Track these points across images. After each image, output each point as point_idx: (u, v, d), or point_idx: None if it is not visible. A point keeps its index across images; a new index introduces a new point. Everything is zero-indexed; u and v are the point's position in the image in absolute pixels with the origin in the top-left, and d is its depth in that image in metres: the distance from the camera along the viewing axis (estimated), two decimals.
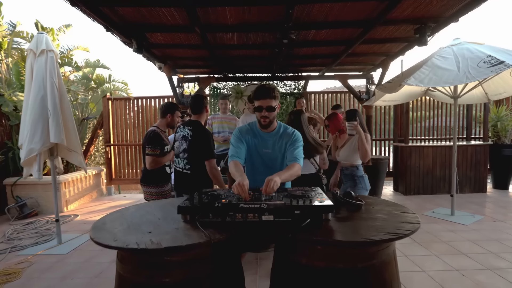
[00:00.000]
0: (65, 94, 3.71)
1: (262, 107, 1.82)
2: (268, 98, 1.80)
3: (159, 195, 2.81)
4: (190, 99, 2.66)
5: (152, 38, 4.07)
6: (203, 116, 2.64)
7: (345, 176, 2.79)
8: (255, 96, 1.84)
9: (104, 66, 6.58)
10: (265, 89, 1.81)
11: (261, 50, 4.58)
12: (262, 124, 1.88)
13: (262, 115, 1.84)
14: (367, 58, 5.21)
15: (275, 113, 1.87)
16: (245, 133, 1.99)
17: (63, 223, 4.66)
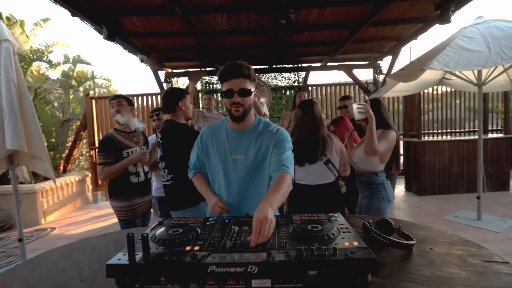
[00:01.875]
0: (26, 92, 3.14)
1: (233, 90, 1.28)
2: (240, 77, 1.28)
3: (128, 211, 2.27)
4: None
5: (129, 25, 3.51)
6: (177, 114, 2.09)
7: (360, 184, 2.24)
8: (222, 76, 1.31)
9: (86, 62, 6.01)
10: (235, 66, 1.29)
11: (255, 36, 4.02)
12: (234, 115, 1.33)
13: (234, 102, 1.30)
14: (374, 45, 4.64)
15: (251, 99, 1.34)
16: (208, 132, 1.47)
17: (36, 238, 4.13)
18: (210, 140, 1.44)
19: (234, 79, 1.28)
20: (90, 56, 55.42)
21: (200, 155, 1.47)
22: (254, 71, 1.34)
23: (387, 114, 2.20)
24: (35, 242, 4.01)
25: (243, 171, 1.37)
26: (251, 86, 1.31)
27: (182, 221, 1.19)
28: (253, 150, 1.37)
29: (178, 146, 1.96)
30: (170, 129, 2.01)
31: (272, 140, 1.37)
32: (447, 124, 6.00)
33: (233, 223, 1.12)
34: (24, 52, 5.12)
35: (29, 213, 4.72)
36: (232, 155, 1.38)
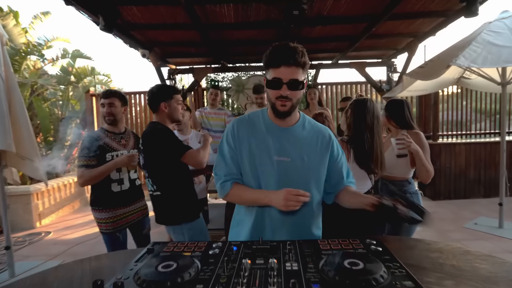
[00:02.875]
0: (15, 88, 2.91)
1: (281, 80, 1.03)
2: (293, 65, 1.02)
3: (109, 223, 1.99)
4: None
5: (128, 16, 3.27)
6: (160, 115, 1.82)
7: (390, 193, 1.94)
8: (270, 60, 1.05)
9: (86, 57, 5.77)
10: (288, 49, 1.03)
11: (264, 31, 3.76)
12: (279, 110, 1.08)
13: (281, 95, 1.05)
14: (390, 41, 4.36)
15: (301, 93, 1.10)
16: (242, 125, 1.19)
17: (29, 244, 3.89)
18: (246, 136, 1.16)
19: (285, 66, 1.02)
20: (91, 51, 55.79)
21: (234, 157, 1.17)
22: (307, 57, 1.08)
23: (410, 116, 1.97)
24: (27, 248, 3.78)
25: (289, 176, 1.12)
26: (303, 76, 1.07)
27: (177, 248, 0.93)
28: (301, 151, 1.13)
29: (159, 148, 1.70)
30: (150, 133, 1.75)
31: (327, 143, 1.16)
32: (457, 125, 5.68)
33: (242, 252, 0.87)
34: (19, 45, 4.91)
35: (23, 216, 4.49)
36: (276, 156, 1.12)
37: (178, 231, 1.77)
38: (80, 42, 63.82)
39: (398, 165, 1.85)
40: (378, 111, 1.68)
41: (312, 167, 1.14)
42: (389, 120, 1.98)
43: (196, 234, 1.76)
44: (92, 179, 1.92)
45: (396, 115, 1.95)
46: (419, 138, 1.85)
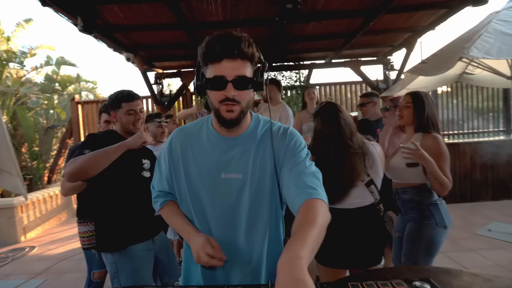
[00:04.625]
0: None
1: (224, 78, 0.82)
2: (238, 58, 0.81)
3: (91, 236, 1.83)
4: None
5: (110, 17, 3.07)
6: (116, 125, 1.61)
7: (403, 204, 1.69)
8: (207, 54, 0.83)
9: (70, 63, 5.56)
10: (230, 39, 0.80)
11: (254, 29, 3.57)
12: (225, 117, 0.86)
13: (226, 97, 0.83)
14: (386, 37, 4.20)
15: (251, 94, 0.88)
16: (179, 138, 0.97)
17: (12, 260, 3.66)
18: (184, 151, 0.95)
19: (228, 60, 0.80)
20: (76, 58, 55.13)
21: (169, 176, 0.97)
22: (255, 47, 0.85)
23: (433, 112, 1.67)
24: (10, 265, 3.55)
25: (241, 197, 0.90)
26: (251, 72, 0.85)
27: None
28: (255, 164, 0.90)
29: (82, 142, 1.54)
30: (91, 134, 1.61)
31: (282, 146, 0.90)
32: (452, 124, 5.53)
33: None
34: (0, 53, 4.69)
35: (7, 230, 4.25)
36: (223, 173, 0.90)
37: (107, 262, 1.51)
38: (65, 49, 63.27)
39: (408, 172, 1.63)
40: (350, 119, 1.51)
41: (267, 183, 0.91)
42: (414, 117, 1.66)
43: (124, 269, 1.45)
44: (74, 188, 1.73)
45: (421, 113, 1.62)
46: (437, 144, 1.56)
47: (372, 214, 1.50)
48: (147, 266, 1.51)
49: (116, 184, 1.48)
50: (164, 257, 1.64)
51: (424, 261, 1.58)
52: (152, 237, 1.57)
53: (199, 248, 0.83)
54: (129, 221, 1.48)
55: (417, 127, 1.66)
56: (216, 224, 0.93)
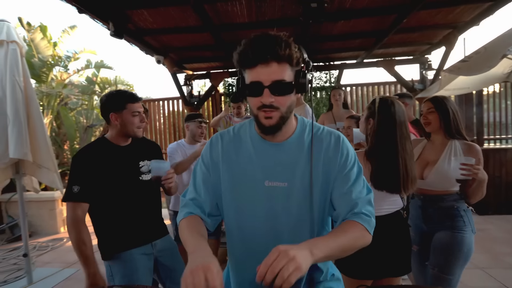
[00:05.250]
0: (33, 97, 2.94)
1: (262, 83, 0.77)
2: (274, 61, 0.75)
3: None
4: None
5: (140, 21, 3.20)
6: (112, 128, 1.51)
7: (439, 212, 1.58)
8: (242, 59, 0.79)
9: (108, 67, 5.93)
10: (264, 41, 0.76)
11: (280, 29, 3.50)
12: (264, 124, 0.81)
13: (263, 104, 0.78)
14: (423, 35, 3.91)
15: (292, 99, 0.82)
16: (222, 148, 0.92)
17: (51, 249, 3.95)
18: (227, 155, 0.90)
19: (263, 64, 0.76)
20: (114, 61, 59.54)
21: (207, 180, 0.91)
22: (298, 48, 0.80)
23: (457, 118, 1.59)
24: (49, 253, 3.84)
25: (286, 206, 0.84)
26: (291, 74, 0.79)
27: None
28: (301, 172, 0.85)
29: (70, 168, 1.45)
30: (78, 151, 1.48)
31: (334, 158, 0.84)
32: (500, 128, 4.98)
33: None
34: (46, 57, 5.13)
35: (48, 221, 4.61)
36: (267, 181, 0.85)
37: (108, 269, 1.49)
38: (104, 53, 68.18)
39: (448, 179, 1.51)
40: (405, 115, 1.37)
41: (316, 192, 0.85)
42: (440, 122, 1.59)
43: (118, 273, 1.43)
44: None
45: (447, 118, 1.56)
46: (475, 152, 1.52)
47: (398, 221, 1.39)
48: (142, 271, 1.45)
49: (111, 190, 1.44)
50: (166, 261, 1.57)
51: (460, 272, 1.50)
52: (151, 241, 1.52)
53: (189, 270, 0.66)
54: (124, 227, 1.46)
55: (447, 133, 1.58)
56: (256, 233, 0.87)
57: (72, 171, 1.42)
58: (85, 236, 1.37)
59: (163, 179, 1.49)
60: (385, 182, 1.32)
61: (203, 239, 0.79)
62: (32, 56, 5.09)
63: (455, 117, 1.56)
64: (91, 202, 1.41)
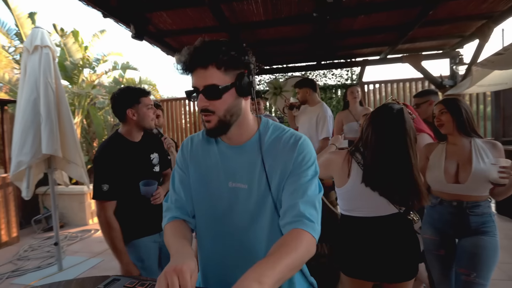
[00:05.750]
0: (63, 97, 3.16)
1: (197, 88, 0.81)
2: (201, 67, 0.79)
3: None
4: None
5: (160, 23, 3.31)
6: (128, 124, 1.57)
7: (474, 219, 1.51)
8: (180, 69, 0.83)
9: (133, 68, 6.20)
10: (193, 48, 0.80)
11: (298, 26, 3.47)
12: (206, 128, 0.85)
13: (201, 109, 0.82)
14: (454, 27, 3.67)
15: (229, 101, 0.82)
16: (194, 149, 0.95)
17: (80, 240, 4.22)
18: (194, 158, 0.94)
19: (196, 70, 0.80)
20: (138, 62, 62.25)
21: (184, 181, 0.94)
22: (236, 50, 0.80)
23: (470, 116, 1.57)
24: (78, 243, 4.11)
25: (245, 206, 0.87)
26: (226, 78, 0.80)
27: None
28: (261, 175, 0.86)
29: (95, 167, 1.52)
30: (98, 147, 1.59)
31: (288, 159, 0.84)
32: None
33: None
34: (77, 60, 5.47)
35: (78, 213, 4.93)
36: (230, 182, 0.88)
37: None
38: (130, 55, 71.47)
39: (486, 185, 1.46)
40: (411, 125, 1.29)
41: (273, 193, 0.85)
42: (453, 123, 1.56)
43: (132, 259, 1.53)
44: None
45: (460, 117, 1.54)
46: (501, 150, 1.49)
47: (397, 222, 1.32)
48: (153, 257, 1.59)
49: (131, 184, 1.53)
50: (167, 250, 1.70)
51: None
52: (159, 231, 1.62)
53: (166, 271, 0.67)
54: (139, 216, 1.56)
55: (463, 132, 1.55)
56: (220, 231, 0.90)
57: (99, 170, 1.50)
58: (117, 231, 1.48)
59: (152, 200, 1.61)
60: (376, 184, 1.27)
61: (185, 241, 0.82)
62: (65, 60, 5.45)
63: (468, 116, 1.54)
64: (119, 199, 1.51)
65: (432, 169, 1.60)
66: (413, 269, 1.31)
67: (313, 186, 0.83)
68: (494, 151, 1.49)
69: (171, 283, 0.63)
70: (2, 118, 4.48)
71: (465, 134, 1.54)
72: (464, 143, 1.55)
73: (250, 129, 0.89)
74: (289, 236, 0.74)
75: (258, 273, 0.62)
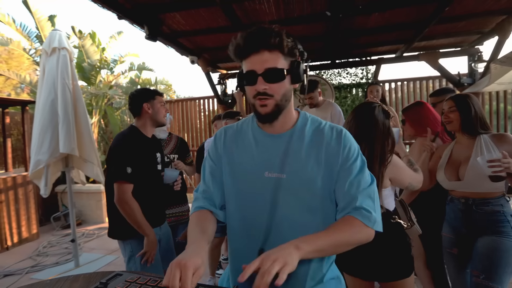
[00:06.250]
0: (80, 98, 3.25)
1: (255, 72, 0.80)
2: (265, 50, 0.79)
3: None
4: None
5: (174, 23, 3.35)
6: (143, 118, 1.70)
7: (483, 217, 1.47)
8: (237, 50, 0.84)
9: (149, 69, 6.32)
10: (256, 33, 0.80)
11: (311, 25, 3.44)
12: (260, 112, 0.84)
13: (258, 92, 0.81)
14: (472, 23, 3.55)
15: (286, 86, 0.84)
16: (226, 136, 0.95)
17: (97, 237, 4.33)
18: (229, 148, 0.93)
19: (255, 54, 0.80)
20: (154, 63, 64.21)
21: (215, 172, 0.94)
22: (291, 38, 0.83)
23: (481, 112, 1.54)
24: (95, 241, 4.22)
25: (285, 197, 0.84)
26: (285, 63, 0.82)
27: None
28: (301, 164, 0.85)
29: (109, 158, 1.62)
30: (116, 138, 1.69)
31: (336, 152, 0.84)
32: None
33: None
34: (94, 62, 5.63)
35: (95, 211, 5.06)
36: (266, 172, 0.86)
37: (122, 247, 1.69)
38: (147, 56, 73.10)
39: (481, 177, 1.40)
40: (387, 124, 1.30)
41: (314, 186, 0.84)
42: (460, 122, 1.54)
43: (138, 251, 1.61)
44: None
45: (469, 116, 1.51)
46: (508, 141, 1.43)
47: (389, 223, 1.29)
48: (156, 250, 1.67)
49: (141, 176, 1.62)
50: (164, 244, 1.78)
51: (507, 281, 1.40)
52: (160, 224, 1.74)
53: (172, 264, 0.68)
54: (146, 210, 1.63)
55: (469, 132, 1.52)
56: (256, 223, 0.88)
57: (122, 154, 1.59)
58: (139, 209, 1.57)
59: (175, 186, 1.86)
60: None
61: (202, 234, 0.81)
62: (83, 61, 5.63)
63: (477, 115, 1.50)
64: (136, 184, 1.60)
65: (439, 168, 1.61)
66: (404, 268, 1.29)
67: (365, 176, 0.84)
68: (500, 143, 1.44)
69: (172, 276, 0.65)
70: (23, 118, 4.66)
71: (470, 133, 1.51)
72: (469, 140, 1.53)
73: (292, 117, 0.90)
74: (341, 220, 0.79)
75: (300, 239, 0.68)
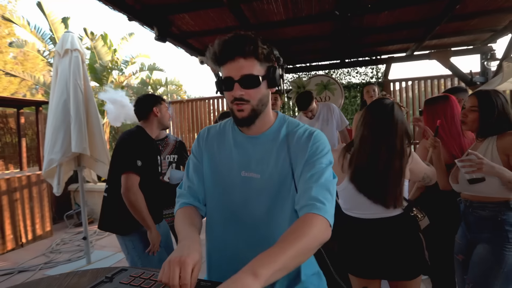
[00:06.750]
0: (92, 99, 3.32)
1: (232, 78, 0.83)
2: (241, 57, 0.82)
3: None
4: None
5: (183, 24, 3.39)
6: (150, 121, 1.81)
7: (478, 221, 1.41)
8: (215, 57, 0.86)
9: (159, 69, 6.41)
10: (232, 40, 0.83)
11: (320, 24, 3.43)
12: (237, 116, 0.87)
13: (235, 97, 0.85)
14: (484, 21, 3.48)
15: (262, 92, 0.87)
16: (208, 135, 1.00)
17: (108, 235, 4.40)
18: (210, 147, 0.97)
19: (231, 61, 0.83)
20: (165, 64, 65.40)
21: (198, 169, 0.97)
22: (266, 45, 0.85)
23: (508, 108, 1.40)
24: (106, 238, 4.29)
25: (259, 196, 0.89)
26: (262, 70, 0.85)
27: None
28: (274, 164, 0.88)
29: (117, 152, 1.70)
30: (123, 135, 1.75)
31: (303, 150, 0.86)
32: None
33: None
34: (106, 63, 5.74)
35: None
36: (243, 171, 0.90)
37: (123, 243, 1.74)
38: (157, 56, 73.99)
39: (490, 184, 1.32)
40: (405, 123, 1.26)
41: (285, 184, 0.88)
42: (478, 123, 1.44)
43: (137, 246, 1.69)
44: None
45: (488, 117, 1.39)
46: (504, 140, 1.34)
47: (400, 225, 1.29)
48: (159, 242, 1.73)
49: (146, 174, 1.69)
50: (163, 241, 1.82)
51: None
52: (158, 222, 1.80)
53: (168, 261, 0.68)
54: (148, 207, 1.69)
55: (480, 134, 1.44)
56: (234, 217, 0.92)
57: (133, 147, 1.67)
58: (144, 203, 1.63)
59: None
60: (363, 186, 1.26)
61: (194, 228, 0.84)
62: (94, 62, 5.75)
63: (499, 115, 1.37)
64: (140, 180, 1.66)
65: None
66: (415, 268, 1.27)
67: (328, 172, 0.84)
68: (499, 141, 1.35)
69: (172, 273, 0.65)
70: (37, 119, 4.79)
71: (481, 136, 1.43)
72: (478, 143, 1.46)
73: (269, 120, 0.93)
74: (300, 222, 0.74)
75: (257, 264, 0.62)
